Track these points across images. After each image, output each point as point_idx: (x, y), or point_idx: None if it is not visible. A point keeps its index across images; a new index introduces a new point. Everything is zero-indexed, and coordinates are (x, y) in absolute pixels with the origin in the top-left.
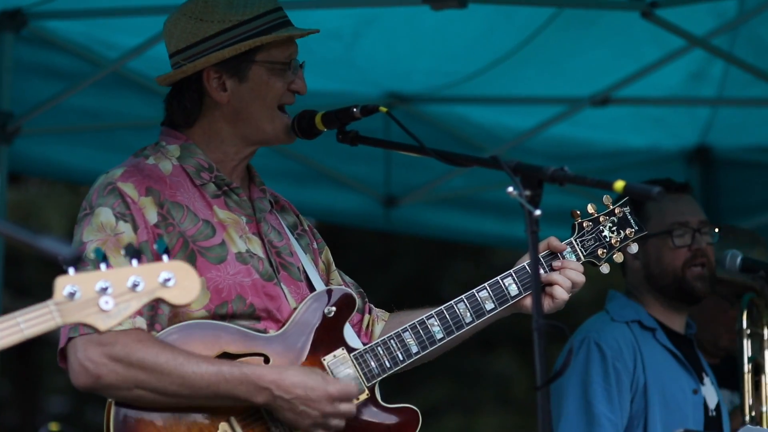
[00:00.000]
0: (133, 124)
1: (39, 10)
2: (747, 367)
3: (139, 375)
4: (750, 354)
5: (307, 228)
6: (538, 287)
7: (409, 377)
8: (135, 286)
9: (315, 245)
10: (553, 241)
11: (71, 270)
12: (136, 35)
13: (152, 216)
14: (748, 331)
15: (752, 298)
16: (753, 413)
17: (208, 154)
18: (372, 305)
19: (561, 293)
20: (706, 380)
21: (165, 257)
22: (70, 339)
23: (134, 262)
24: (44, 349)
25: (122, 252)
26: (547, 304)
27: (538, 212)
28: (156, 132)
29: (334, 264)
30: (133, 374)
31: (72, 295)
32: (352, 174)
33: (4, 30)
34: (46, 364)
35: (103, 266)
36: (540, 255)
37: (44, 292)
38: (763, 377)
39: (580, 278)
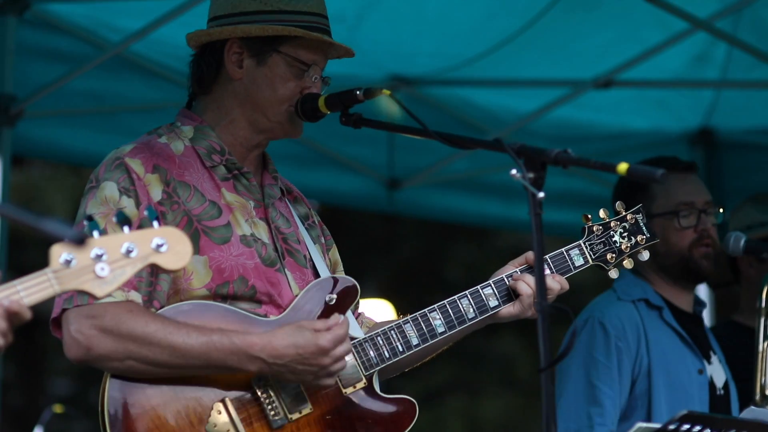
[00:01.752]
0: (136, 107)
1: None
2: (763, 345)
3: (129, 345)
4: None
5: (318, 223)
6: (541, 270)
7: None
8: (129, 252)
9: (323, 240)
10: (531, 254)
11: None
12: (139, 18)
13: (156, 193)
14: None
15: None
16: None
17: (221, 137)
18: (362, 312)
19: (525, 289)
20: (714, 358)
21: (155, 223)
22: (63, 311)
23: (126, 229)
24: (49, 332)
25: (114, 219)
26: (518, 307)
27: (541, 194)
28: (159, 115)
29: (341, 265)
30: (123, 345)
31: (68, 262)
32: (355, 156)
33: (7, 13)
34: (50, 346)
35: (96, 234)
36: (518, 268)
37: None
38: None
39: (555, 286)
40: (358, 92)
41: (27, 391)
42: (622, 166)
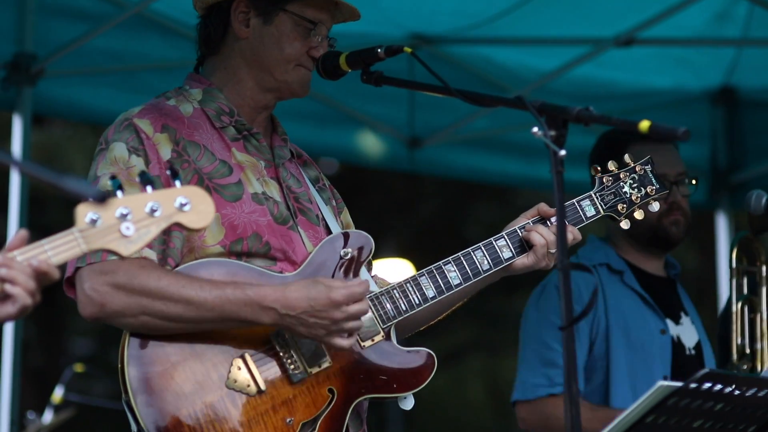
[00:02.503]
0: (157, 65)
1: None
2: (736, 306)
3: (142, 300)
4: (745, 292)
5: (329, 186)
6: (563, 227)
7: None
8: (153, 211)
9: (334, 203)
10: (543, 206)
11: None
12: None
13: (166, 152)
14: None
15: (745, 236)
16: (748, 351)
17: (229, 99)
18: (375, 273)
19: (539, 239)
20: (685, 319)
21: (177, 183)
22: (77, 269)
23: (149, 188)
24: None
25: (137, 179)
26: (531, 258)
27: (563, 152)
28: (179, 73)
29: (354, 228)
30: (136, 300)
31: (94, 222)
32: (374, 115)
33: None
34: (70, 306)
35: (119, 194)
36: (530, 219)
37: None
38: (758, 315)
39: (567, 236)
40: (379, 50)
41: (47, 351)
42: (644, 124)
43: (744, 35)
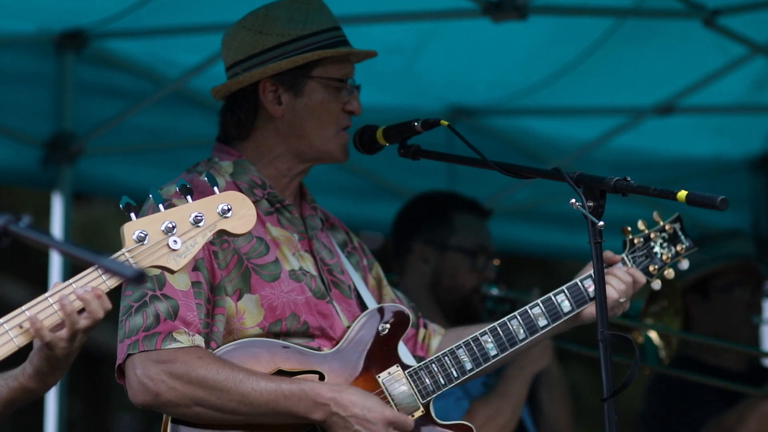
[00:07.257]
0: (196, 142)
1: (100, 30)
2: None
3: (199, 392)
4: None
5: (357, 245)
6: (603, 298)
7: None
8: (197, 221)
9: (365, 262)
10: (608, 253)
11: (133, 215)
12: (197, 53)
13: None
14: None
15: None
16: None
17: (260, 171)
18: (427, 320)
19: (610, 292)
20: None
21: (216, 189)
22: (128, 355)
23: (189, 198)
24: (114, 368)
25: (177, 188)
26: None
27: (601, 223)
28: None
29: (386, 280)
30: (192, 391)
31: (141, 239)
32: (415, 188)
33: (65, 50)
34: (115, 383)
35: (161, 207)
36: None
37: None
38: None
39: (627, 278)
40: (416, 123)
41: (92, 428)
42: (682, 194)
43: None
